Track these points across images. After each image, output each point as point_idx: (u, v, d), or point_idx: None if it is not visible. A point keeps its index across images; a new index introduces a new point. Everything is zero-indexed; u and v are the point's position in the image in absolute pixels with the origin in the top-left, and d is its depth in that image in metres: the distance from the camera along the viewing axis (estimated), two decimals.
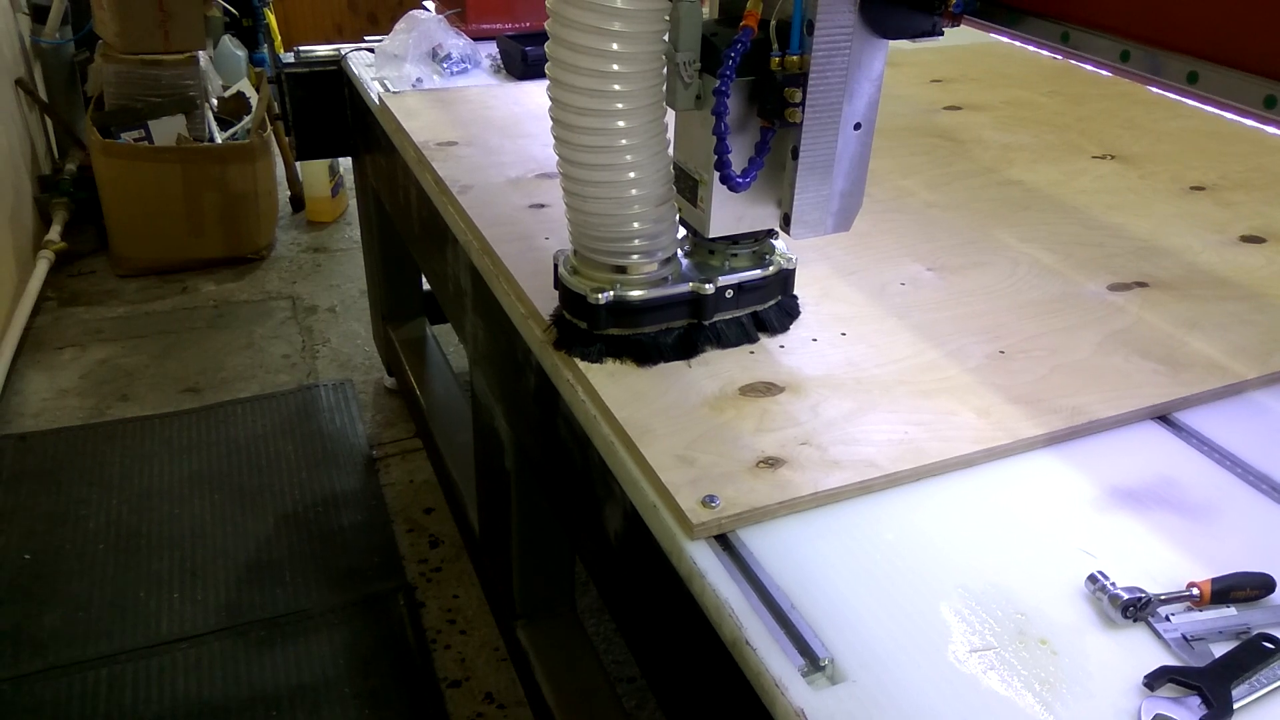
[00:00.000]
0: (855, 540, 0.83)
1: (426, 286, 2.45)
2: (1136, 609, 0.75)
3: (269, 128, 3.25)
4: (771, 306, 1.07)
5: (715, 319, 1.03)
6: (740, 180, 0.93)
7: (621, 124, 0.93)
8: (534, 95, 1.81)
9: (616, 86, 0.91)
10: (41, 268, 2.97)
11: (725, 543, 0.82)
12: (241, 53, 4.02)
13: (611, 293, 0.98)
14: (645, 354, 1.00)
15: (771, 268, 1.05)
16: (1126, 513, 0.87)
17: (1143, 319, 1.14)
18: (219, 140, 3.26)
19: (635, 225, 0.97)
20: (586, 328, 1.01)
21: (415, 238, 1.79)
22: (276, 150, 3.48)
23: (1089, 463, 0.93)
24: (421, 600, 1.95)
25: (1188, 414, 1.00)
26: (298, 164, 3.55)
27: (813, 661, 0.71)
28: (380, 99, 1.79)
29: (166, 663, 1.78)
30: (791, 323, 1.09)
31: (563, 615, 1.60)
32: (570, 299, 1.02)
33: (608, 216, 0.97)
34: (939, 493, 0.89)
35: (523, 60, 1.92)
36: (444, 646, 1.85)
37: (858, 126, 0.95)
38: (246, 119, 3.38)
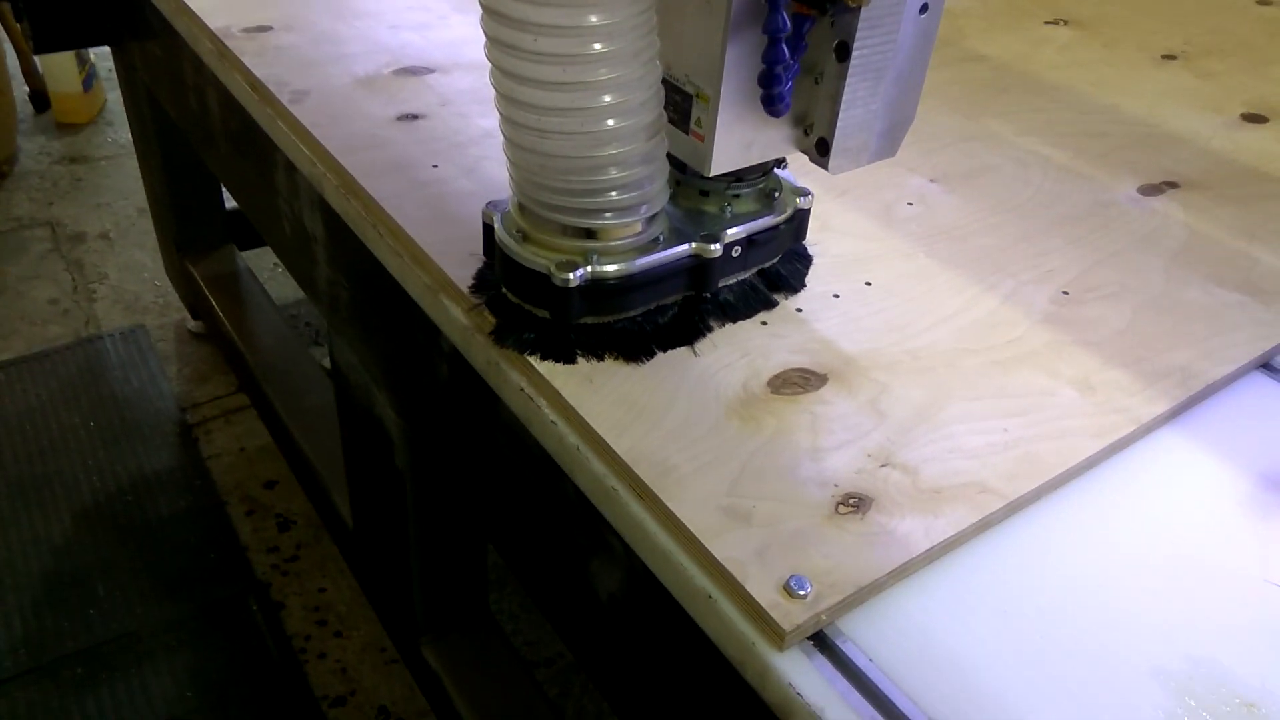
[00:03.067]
0: (986, 602, 0.59)
1: (231, 203, 2.00)
2: None
3: None
4: (782, 260, 0.79)
5: (719, 286, 0.75)
6: (786, 101, 0.63)
7: (595, 19, 0.60)
8: None
9: None
10: None
11: (820, 640, 0.57)
12: None
13: (587, 269, 0.67)
14: (636, 346, 0.71)
15: (785, 210, 0.76)
16: None
17: (1195, 231, 0.94)
18: None
19: (613, 172, 0.65)
20: (549, 317, 0.69)
21: (220, 156, 1.37)
22: (6, 38, 2.80)
23: (1219, 443, 0.72)
24: (280, 599, 1.62)
25: None
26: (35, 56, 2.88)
27: None
28: None
29: None
30: (806, 275, 0.81)
31: (476, 624, 1.32)
32: (519, 277, 0.70)
33: (574, 160, 0.65)
34: (1061, 512, 0.66)
35: None
36: (317, 655, 1.54)
37: (924, 9, 0.66)
38: None
